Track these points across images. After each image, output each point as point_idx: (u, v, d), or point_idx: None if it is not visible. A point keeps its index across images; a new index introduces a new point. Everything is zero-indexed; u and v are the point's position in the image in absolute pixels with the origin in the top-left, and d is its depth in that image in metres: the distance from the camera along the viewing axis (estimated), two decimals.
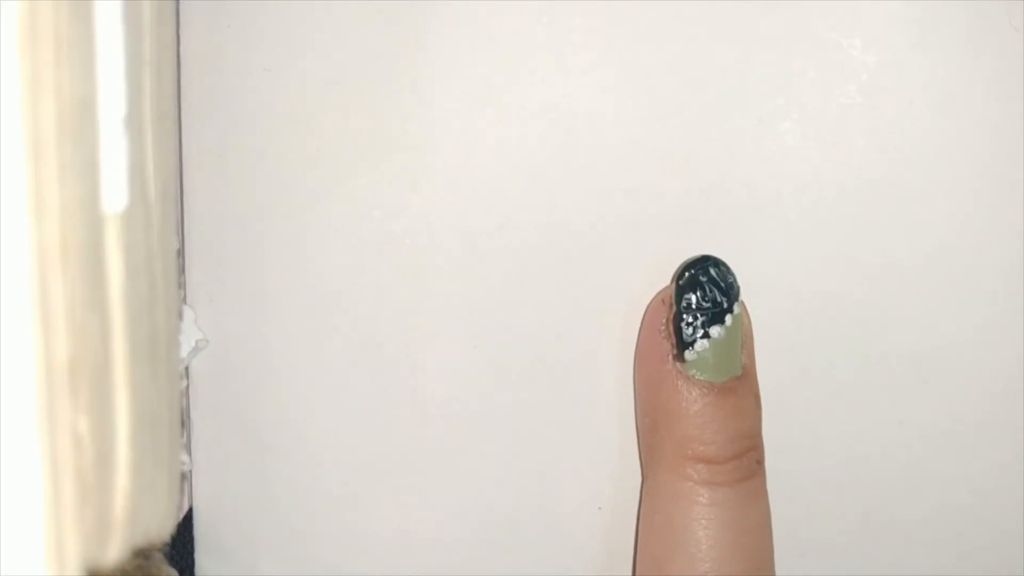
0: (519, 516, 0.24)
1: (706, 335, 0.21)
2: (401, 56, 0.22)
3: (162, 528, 0.14)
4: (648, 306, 0.22)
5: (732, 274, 0.21)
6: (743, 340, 0.22)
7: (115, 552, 0.13)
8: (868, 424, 0.23)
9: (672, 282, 0.22)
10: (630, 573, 0.23)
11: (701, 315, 0.21)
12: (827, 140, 0.22)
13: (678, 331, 0.21)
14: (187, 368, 0.24)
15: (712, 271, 0.21)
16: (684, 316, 0.21)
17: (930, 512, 0.23)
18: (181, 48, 0.23)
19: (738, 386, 0.21)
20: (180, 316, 0.23)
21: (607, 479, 0.23)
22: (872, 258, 0.22)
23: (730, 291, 0.21)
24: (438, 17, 0.22)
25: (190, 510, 0.24)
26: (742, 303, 0.22)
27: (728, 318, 0.21)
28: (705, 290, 0.21)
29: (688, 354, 0.21)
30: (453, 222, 0.23)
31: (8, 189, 0.12)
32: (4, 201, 0.12)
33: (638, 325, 0.22)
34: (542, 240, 0.22)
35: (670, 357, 0.21)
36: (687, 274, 0.21)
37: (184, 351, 0.23)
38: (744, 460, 0.21)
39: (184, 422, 0.24)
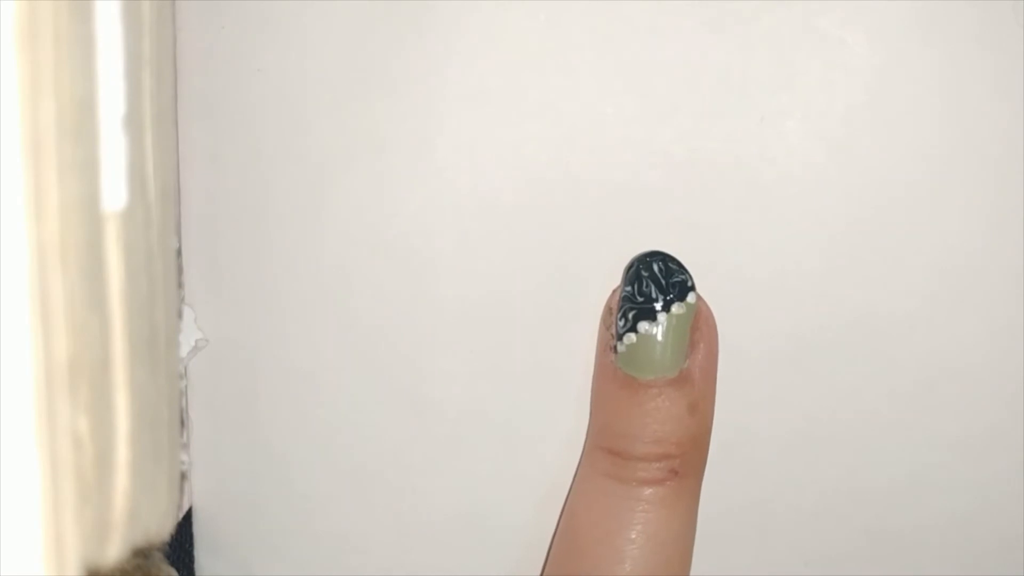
0: (518, 517, 0.24)
1: (634, 330, 0.21)
2: (398, 56, 0.22)
3: (162, 527, 0.14)
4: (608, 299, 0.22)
5: (683, 273, 0.21)
6: (693, 344, 0.21)
7: (115, 551, 0.13)
8: (871, 429, 0.23)
9: (623, 273, 0.22)
10: None
11: (634, 309, 0.21)
12: (831, 139, 0.22)
13: (616, 323, 0.21)
14: (186, 368, 0.24)
15: (655, 267, 0.21)
16: (621, 308, 0.21)
17: (935, 519, 0.23)
18: (177, 49, 0.23)
19: (666, 389, 0.20)
20: (180, 316, 0.23)
21: None
22: (877, 259, 0.22)
23: (671, 289, 0.21)
24: (435, 17, 0.22)
25: (189, 509, 0.24)
26: (698, 307, 0.21)
27: (661, 316, 0.20)
28: (643, 284, 0.21)
29: (618, 347, 0.21)
30: (451, 222, 0.23)
31: (8, 188, 0.12)
32: (4, 200, 0.12)
33: None
34: (542, 240, 0.22)
35: (610, 348, 0.21)
36: (632, 267, 0.21)
37: (184, 351, 0.23)
38: (655, 465, 0.20)
39: (183, 422, 0.24)
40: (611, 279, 0.22)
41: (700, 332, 0.21)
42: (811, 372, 0.23)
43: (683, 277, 0.21)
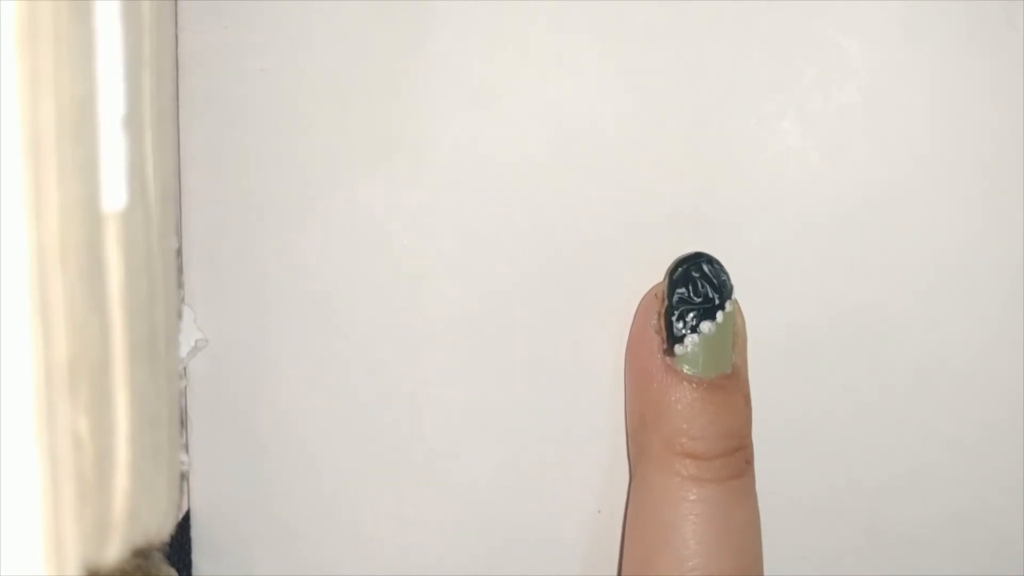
0: (517, 519, 0.24)
1: (696, 330, 0.21)
2: (399, 56, 0.22)
3: (161, 528, 0.14)
4: (641, 301, 0.22)
5: (725, 272, 0.21)
6: (735, 339, 0.21)
7: (114, 552, 0.13)
8: (870, 428, 0.23)
9: (665, 277, 0.22)
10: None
11: (692, 310, 0.21)
12: (826, 140, 0.22)
13: (669, 326, 0.21)
14: (186, 368, 0.24)
15: (705, 267, 0.21)
16: (675, 311, 0.21)
17: (933, 517, 0.23)
18: (179, 48, 0.23)
19: (727, 384, 0.21)
20: (180, 316, 0.23)
21: (607, 482, 0.23)
22: (872, 259, 0.22)
23: (723, 288, 0.21)
24: (436, 17, 0.22)
25: (187, 511, 0.24)
26: (735, 303, 0.22)
27: (719, 315, 0.21)
28: (697, 286, 0.21)
29: (678, 349, 0.21)
30: (451, 222, 0.23)
31: (7, 188, 0.12)
32: (4, 200, 0.12)
33: None
34: (540, 241, 0.22)
35: (660, 352, 0.21)
36: (680, 269, 0.21)
37: (184, 351, 0.23)
38: (733, 458, 0.21)
39: (183, 422, 0.24)
40: (608, 277, 0.22)
41: (737, 326, 0.22)
42: (808, 370, 0.23)
43: (726, 276, 0.21)
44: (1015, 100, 0.21)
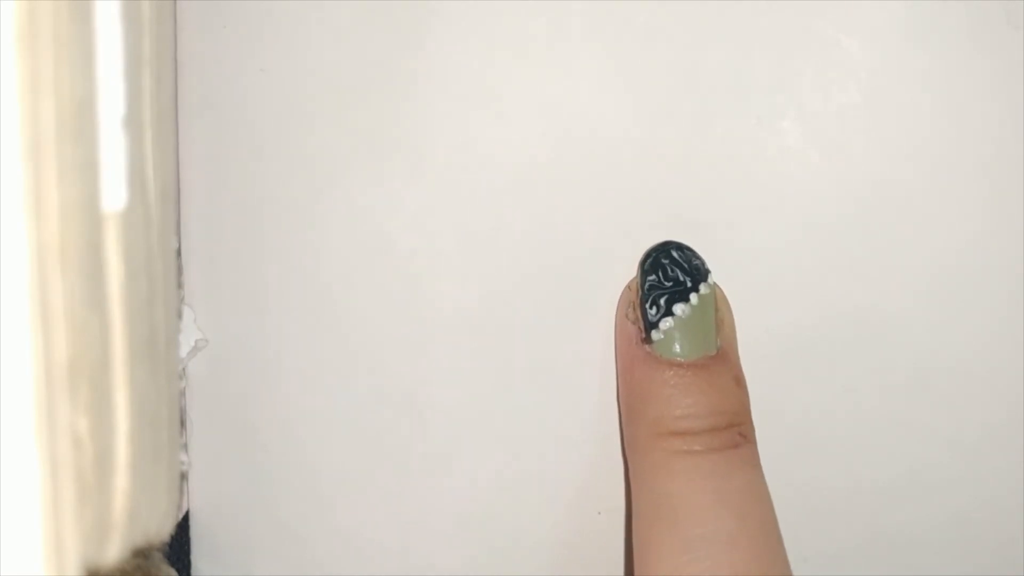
0: (517, 519, 0.24)
1: (670, 313, 0.21)
2: (399, 56, 0.22)
3: (161, 528, 0.14)
4: (620, 295, 0.22)
5: (698, 257, 0.21)
6: (719, 323, 0.21)
7: (114, 552, 0.13)
8: (870, 428, 0.23)
9: (638, 267, 0.22)
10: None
11: (664, 295, 0.21)
12: (826, 139, 0.22)
13: (644, 314, 0.21)
14: (186, 368, 0.24)
15: (674, 253, 0.21)
16: (648, 297, 0.21)
17: (933, 517, 0.23)
18: (178, 49, 0.23)
19: (712, 364, 0.21)
20: (180, 316, 0.23)
21: (607, 483, 0.23)
22: (871, 259, 0.22)
23: (694, 272, 0.21)
24: (436, 17, 0.22)
25: (187, 511, 0.24)
26: (716, 288, 0.21)
27: (693, 296, 0.21)
28: (667, 271, 0.21)
29: (654, 334, 0.21)
30: (451, 222, 0.23)
31: (7, 189, 0.12)
32: (4, 201, 0.12)
33: None
34: (540, 241, 0.23)
35: (639, 341, 0.21)
36: (650, 258, 0.21)
37: (183, 351, 0.23)
38: (724, 432, 0.20)
39: (183, 422, 0.24)
40: (608, 278, 0.22)
41: (720, 311, 0.21)
42: (808, 370, 0.23)
43: (699, 260, 0.21)
44: (1015, 100, 0.21)
